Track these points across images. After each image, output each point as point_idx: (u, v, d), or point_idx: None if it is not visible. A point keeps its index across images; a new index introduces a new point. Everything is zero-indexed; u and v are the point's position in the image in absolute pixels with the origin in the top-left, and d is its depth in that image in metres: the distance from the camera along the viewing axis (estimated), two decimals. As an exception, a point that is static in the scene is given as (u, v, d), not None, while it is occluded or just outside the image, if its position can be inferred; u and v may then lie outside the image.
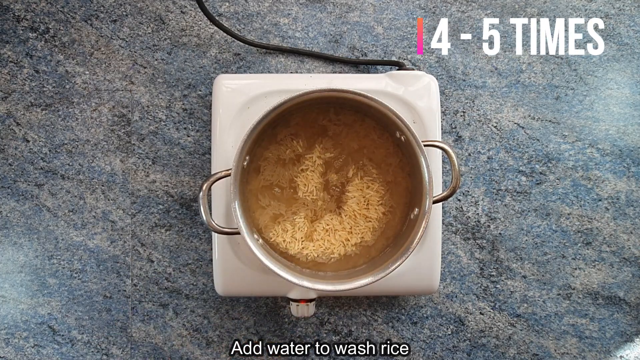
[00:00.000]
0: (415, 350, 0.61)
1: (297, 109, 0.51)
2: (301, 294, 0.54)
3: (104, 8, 0.61)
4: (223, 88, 0.54)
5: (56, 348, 0.61)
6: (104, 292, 0.61)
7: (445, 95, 0.61)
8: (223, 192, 0.53)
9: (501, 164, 0.61)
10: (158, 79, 0.61)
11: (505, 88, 0.62)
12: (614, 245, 0.61)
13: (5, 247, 0.61)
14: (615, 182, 0.61)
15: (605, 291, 0.61)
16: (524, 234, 0.61)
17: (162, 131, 0.61)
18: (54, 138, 0.61)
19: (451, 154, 0.48)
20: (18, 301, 0.61)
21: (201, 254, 0.61)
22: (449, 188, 0.49)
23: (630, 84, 0.62)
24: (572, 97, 0.62)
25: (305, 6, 0.62)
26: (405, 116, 0.48)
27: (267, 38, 0.62)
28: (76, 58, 0.61)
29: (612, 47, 0.62)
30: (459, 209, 0.61)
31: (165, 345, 0.61)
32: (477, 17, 0.62)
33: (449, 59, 0.62)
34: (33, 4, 0.61)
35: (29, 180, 0.61)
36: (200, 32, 0.62)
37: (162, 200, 0.61)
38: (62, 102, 0.61)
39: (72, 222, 0.61)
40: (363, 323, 0.61)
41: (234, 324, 0.61)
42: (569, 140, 0.61)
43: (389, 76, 0.55)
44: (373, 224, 0.53)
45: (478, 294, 0.61)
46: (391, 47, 0.62)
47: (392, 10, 0.62)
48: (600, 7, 0.62)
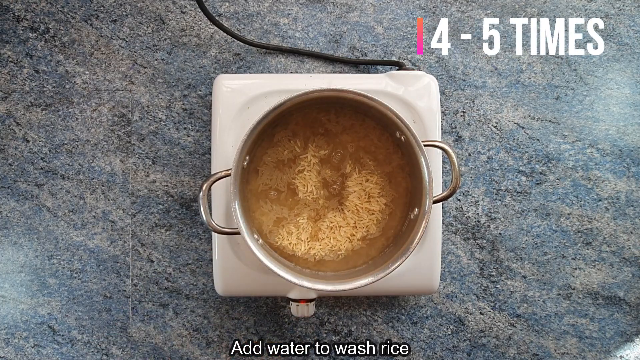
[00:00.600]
0: (415, 350, 0.61)
1: (297, 109, 0.51)
2: (301, 294, 0.54)
3: (104, 8, 0.61)
4: (223, 88, 0.54)
5: (56, 348, 0.61)
6: (104, 292, 0.61)
7: (445, 95, 0.61)
8: (223, 192, 0.53)
9: (501, 164, 0.61)
10: (158, 79, 0.61)
11: (505, 88, 0.62)
12: (614, 245, 0.61)
13: (5, 247, 0.61)
14: (615, 182, 0.61)
15: (605, 291, 0.61)
16: (524, 234, 0.61)
17: (162, 131, 0.61)
18: (54, 138, 0.61)
19: (451, 154, 0.48)
20: (18, 301, 0.61)
21: (201, 254, 0.61)
22: (449, 188, 0.49)
23: (630, 84, 0.62)
24: (572, 97, 0.62)
25: (305, 6, 0.62)
26: (405, 116, 0.48)
27: (267, 38, 0.62)
28: (76, 58, 0.61)
29: (612, 47, 0.62)
30: (459, 209, 0.61)
31: (165, 345, 0.61)
32: (477, 17, 0.62)
33: (449, 59, 0.62)
34: (33, 4, 0.61)
35: (29, 180, 0.61)
36: (200, 32, 0.62)
37: (162, 200, 0.61)
38: (62, 102, 0.61)
39: (72, 222, 0.61)
40: (363, 323, 0.61)
41: (234, 324, 0.61)
42: (569, 140, 0.61)
43: (389, 76, 0.55)
44: (376, 216, 0.53)
45: (478, 294, 0.61)
46: (391, 47, 0.62)
47: (392, 10, 0.62)
48: (600, 7, 0.62)
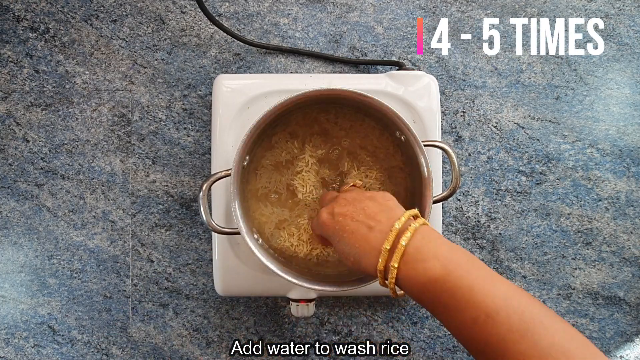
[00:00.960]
0: (415, 350, 0.61)
1: (297, 109, 0.51)
2: (301, 294, 0.54)
3: (104, 8, 0.61)
4: (223, 88, 0.54)
5: (56, 348, 0.61)
6: (104, 292, 0.61)
7: (445, 95, 0.61)
8: (223, 192, 0.53)
9: (501, 164, 0.61)
10: (158, 79, 0.61)
11: (505, 88, 0.62)
12: (614, 245, 0.61)
13: (5, 247, 0.61)
14: (615, 182, 0.61)
15: (605, 291, 0.61)
16: (524, 234, 0.61)
17: (162, 131, 0.61)
18: (54, 138, 0.61)
19: (451, 154, 0.48)
20: (18, 301, 0.61)
21: (201, 254, 0.61)
22: (449, 188, 0.49)
23: (630, 84, 0.62)
24: (572, 97, 0.62)
25: (305, 6, 0.62)
26: (405, 116, 0.48)
27: (267, 38, 0.62)
28: (76, 58, 0.61)
29: (612, 47, 0.62)
30: (459, 209, 0.61)
31: (165, 345, 0.61)
32: (477, 17, 0.62)
33: (449, 59, 0.62)
34: (33, 4, 0.61)
35: (29, 180, 0.61)
36: (200, 32, 0.62)
37: (162, 200, 0.61)
38: (62, 102, 0.61)
39: (72, 222, 0.61)
40: (363, 323, 0.61)
41: (234, 324, 0.61)
42: (569, 140, 0.61)
43: (389, 76, 0.55)
44: None
45: (478, 294, 0.61)
46: (391, 47, 0.62)
47: (392, 10, 0.62)
48: (600, 7, 0.62)
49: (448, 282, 0.33)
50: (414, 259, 0.35)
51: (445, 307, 0.33)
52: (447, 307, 0.33)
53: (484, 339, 0.31)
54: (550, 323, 0.30)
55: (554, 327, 0.30)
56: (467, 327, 0.32)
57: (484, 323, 0.31)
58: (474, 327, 0.31)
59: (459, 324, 0.32)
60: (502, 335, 0.30)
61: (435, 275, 0.33)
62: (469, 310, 0.31)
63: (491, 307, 0.31)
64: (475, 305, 0.31)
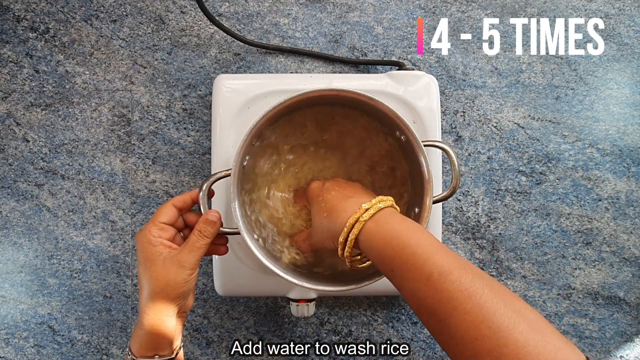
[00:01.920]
0: (415, 350, 0.61)
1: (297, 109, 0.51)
2: (301, 294, 0.53)
3: (104, 8, 0.61)
4: (223, 88, 0.54)
5: (56, 348, 0.61)
6: (104, 292, 0.61)
7: (445, 95, 0.61)
8: (223, 192, 0.53)
9: (501, 164, 0.61)
10: (158, 79, 0.61)
11: (505, 88, 0.62)
12: (614, 245, 0.61)
13: (5, 247, 0.61)
14: (615, 182, 0.61)
15: (605, 291, 0.61)
16: (524, 234, 0.61)
17: (162, 131, 0.61)
18: (54, 138, 0.61)
19: (451, 154, 0.48)
20: (18, 301, 0.61)
21: (201, 254, 0.61)
22: (449, 188, 0.49)
23: (630, 84, 0.62)
24: (572, 97, 0.62)
25: (305, 6, 0.62)
26: (405, 116, 0.48)
27: (267, 38, 0.62)
28: (76, 58, 0.61)
29: (612, 47, 0.62)
30: (459, 209, 0.61)
31: (165, 345, 0.61)
32: (477, 17, 0.62)
33: (449, 59, 0.62)
34: (33, 4, 0.61)
35: (29, 180, 0.61)
36: (200, 32, 0.62)
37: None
38: (62, 102, 0.61)
39: (72, 222, 0.61)
40: (363, 323, 0.61)
41: (234, 324, 0.61)
42: (569, 140, 0.61)
43: (389, 76, 0.55)
44: None
45: (478, 294, 0.61)
46: (391, 47, 0.62)
47: (392, 10, 0.62)
48: (600, 7, 0.62)
49: (410, 239, 0.37)
50: (382, 218, 0.39)
51: (405, 263, 0.36)
52: (406, 264, 0.36)
53: (437, 296, 0.33)
54: (498, 287, 0.33)
55: (501, 291, 0.33)
56: (421, 284, 0.35)
57: (437, 280, 0.34)
58: (427, 282, 0.34)
59: (414, 281, 0.35)
60: (451, 293, 0.33)
61: (399, 232, 0.37)
62: (425, 267, 0.35)
63: (445, 267, 0.34)
64: (430, 263, 0.35)
